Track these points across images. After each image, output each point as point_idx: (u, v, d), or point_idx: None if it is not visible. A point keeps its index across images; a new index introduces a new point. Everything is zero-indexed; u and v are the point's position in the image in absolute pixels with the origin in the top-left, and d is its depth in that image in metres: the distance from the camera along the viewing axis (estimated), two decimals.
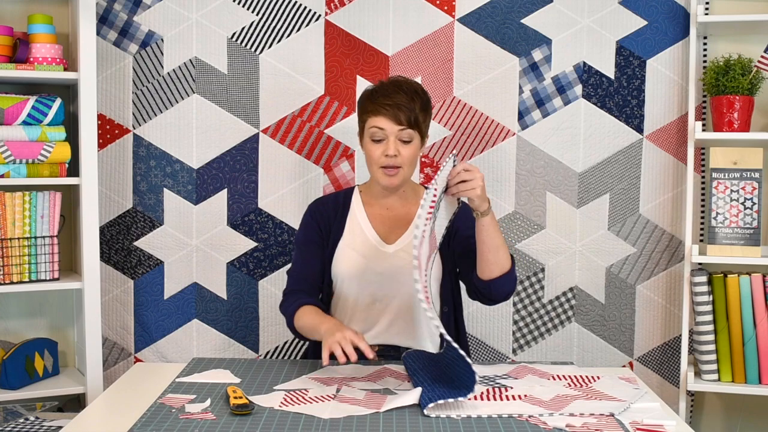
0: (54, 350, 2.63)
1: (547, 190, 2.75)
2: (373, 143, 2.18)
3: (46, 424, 2.06)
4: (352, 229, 2.27)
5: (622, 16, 2.70)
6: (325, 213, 2.30)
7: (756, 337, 2.53)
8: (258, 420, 1.67)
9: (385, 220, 2.27)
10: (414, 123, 2.16)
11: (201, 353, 2.73)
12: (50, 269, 2.49)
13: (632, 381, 2.00)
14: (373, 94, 2.20)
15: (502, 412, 1.72)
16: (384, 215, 2.28)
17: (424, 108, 2.19)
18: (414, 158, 2.20)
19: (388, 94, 2.17)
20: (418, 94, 2.19)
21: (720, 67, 2.57)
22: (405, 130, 2.15)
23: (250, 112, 2.71)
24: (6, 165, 2.41)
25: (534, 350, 2.79)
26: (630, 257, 2.75)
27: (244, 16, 2.69)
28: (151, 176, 2.69)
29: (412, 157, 2.19)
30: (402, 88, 2.17)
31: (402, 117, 2.15)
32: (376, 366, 2.08)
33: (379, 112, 2.16)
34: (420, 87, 2.22)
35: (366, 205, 2.30)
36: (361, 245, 2.24)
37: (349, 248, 2.25)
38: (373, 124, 2.16)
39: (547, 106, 2.73)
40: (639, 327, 2.76)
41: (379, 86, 2.21)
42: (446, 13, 2.71)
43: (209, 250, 2.72)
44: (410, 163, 2.19)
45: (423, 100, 2.19)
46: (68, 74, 2.46)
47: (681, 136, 2.71)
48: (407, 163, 2.18)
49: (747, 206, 2.56)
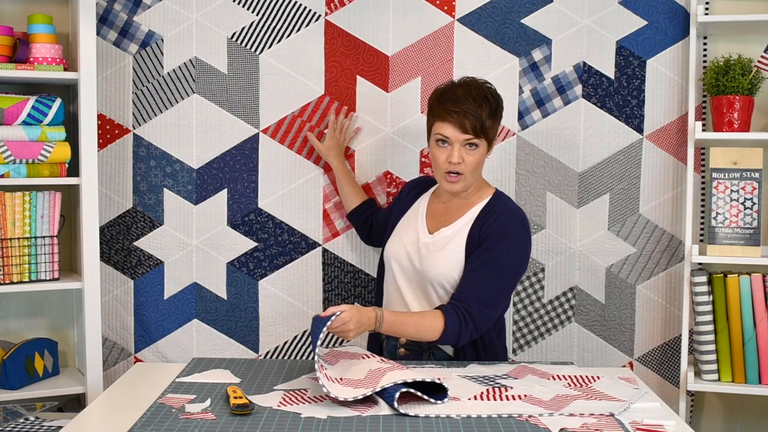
0: (54, 350, 2.63)
1: (547, 190, 2.75)
2: (438, 147, 2.19)
3: (46, 424, 2.06)
4: (414, 214, 2.34)
5: (622, 16, 2.70)
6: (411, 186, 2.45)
7: (756, 337, 2.53)
8: (258, 420, 1.67)
9: (438, 211, 2.31)
10: (480, 131, 2.14)
11: (201, 353, 2.73)
12: (50, 269, 2.49)
13: (632, 381, 2.00)
14: (442, 97, 2.18)
15: (502, 412, 1.72)
16: (439, 208, 2.31)
17: (492, 114, 2.17)
18: (479, 164, 2.19)
19: (457, 99, 2.15)
20: (488, 100, 2.16)
21: (720, 67, 2.57)
22: (471, 139, 2.15)
23: (250, 112, 2.71)
24: (6, 165, 2.41)
25: (534, 350, 2.79)
26: (630, 257, 2.75)
27: (244, 16, 2.69)
28: (151, 176, 2.69)
29: (477, 163, 2.18)
30: (471, 94, 2.15)
31: (468, 125, 2.14)
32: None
33: (445, 119, 2.15)
34: (491, 91, 2.20)
35: (433, 195, 2.36)
36: (408, 233, 2.31)
37: (399, 234, 2.33)
38: (438, 130, 2.17)
39: (547, 106, 2.73)
40: (639, 327, 2.76)
41: (449, 88, 2.19)
42: (446, 13, 2.71)
43: (209, 250, 2.72)
44: (474, 170, 2.19)
45: (492, 106, 2.17)
46: (68, 74, 2.46)
47: (681, 136, 2.71)
48: (470, 170, 2.18)
49: (747, 206, 2.56)
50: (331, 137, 2.66)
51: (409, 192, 2.44)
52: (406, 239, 2.30)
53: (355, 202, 2.64)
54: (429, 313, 2.13)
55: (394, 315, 2.08)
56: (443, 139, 2.16)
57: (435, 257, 2.21)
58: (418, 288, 2.26)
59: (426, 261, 2.22)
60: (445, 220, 2.27)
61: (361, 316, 1.99)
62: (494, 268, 2.14)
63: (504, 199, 2.28)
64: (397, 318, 2.08)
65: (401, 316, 2.10)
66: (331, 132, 2.66)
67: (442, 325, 2.09)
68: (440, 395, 1.81)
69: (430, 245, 2.23)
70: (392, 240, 2.35)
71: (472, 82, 2.20)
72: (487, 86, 2.21)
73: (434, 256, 2.21)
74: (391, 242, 2.34)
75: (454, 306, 2.12)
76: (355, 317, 1.97)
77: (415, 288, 2.27)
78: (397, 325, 2.07)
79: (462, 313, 2.10)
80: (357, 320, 1.97)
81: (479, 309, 2.11)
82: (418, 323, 2.09)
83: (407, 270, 2.28)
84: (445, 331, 2.09)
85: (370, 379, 1.82)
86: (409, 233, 2.31)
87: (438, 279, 2.20)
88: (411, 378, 1.77)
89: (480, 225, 2.20)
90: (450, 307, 2.12)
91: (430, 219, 2.31)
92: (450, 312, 2.10)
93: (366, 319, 2.01)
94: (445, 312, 2.10)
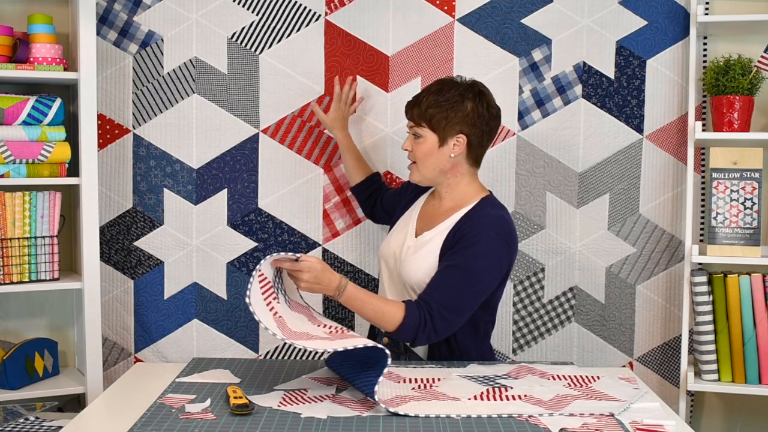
0: (54, 350, 2.63)
1: (547, 190, 2.75)
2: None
3: (46, 424, 2.06)
4: (408, 216, 2.34)
5: (622, 16, 2.70)
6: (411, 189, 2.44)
7: (756, 337, 2.53)
8: (258, 420, 1.67)
9: (428, 214, 2.30)
10: (420, 118, 2.17)
11: (201, 353, 2.73)
12: (50, 269, 2.49)
13: (632, 381, 2.00)
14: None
15: (502, 412, 1.72)
16: (430, 210, 2.30)
17: (437, 104, 2.15)
18: (428, 156, 2.18)
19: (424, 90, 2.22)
20: (442, 92, 2.17)
21: (720, 67, 2.57)
22: (413, 126, 2.20)
23: (250, 112, 2.71)
24: (6, 165, 2.41)
25: (534, 350, 2.79)
26: (630, 257, 2.75)
27: (244, 16, 2.69)
28: (151, 176, 2.69)
29: (424, 154, 2.18)
30: (432, 86, 2.21)
31: (412, 112, 2.20)
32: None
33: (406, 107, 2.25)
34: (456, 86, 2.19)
35: (429, 196, 2.36)
36: (399, 234, 2.31)
37: (392, 234, 2.33)
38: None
39: (547, 106, 2.73)
40: (639, 327, 2.76)
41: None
42: (446, 13, 2.71)
43: (209, 250, 2.72)
44: (423, 158, 2.20)
45: (442, 98, 2.16)
46: (68, 74, 2.46)
47: (681, 136, 2.71)
48: (419, 158, 2.21)
49: (747, 206, 2.56)
50: (336, 109, 2.62)
51: (413, 189, 2.44)
52: (395, 240, 2.30)
53: (359, 175, 2.62)
54: (393, 302, 2.08)
55: (358, 291, 2.03)
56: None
57: (411, 261, 2.19)
58: (397, 289, 2.26)
59: (403, 264, 2.21)
60: (430, 223, 2.25)
61: (323, 274, 1.95)
62: (460, 273, 2.08)
63: (488, 205, 2.21)
64: (359, 294, 2.02)
65: (365, 294, 2.04)
66: (336, 104, 2.62)
67: (401, 318, 2.03)
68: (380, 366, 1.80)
69: (411, 248, 2.22)
70: (385, 240, 2.36)
71: (446, 78, 2.24)
72: (465, 82, 2.21)
73: (410, 260, 2.19)
74: (384, 242, 2.36)
75: (417, 304, 2.07)
76: (315, 270, 1.93)
77: (395, 290, 2.27)
78: (357, 301, 2.02)
79: (424, 313, 2.05)
80: (315, 275, 1.93)
81: (439, 311, 2.05)
82: (378, 308, 2.04)
83: (392, 271, 2.28)
84: (402, 324, 2.03)
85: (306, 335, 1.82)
86: (399, 235, 2.31)
87: (410, 283, 2.18)
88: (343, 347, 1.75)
89: (456, 230, 2.16)
90: (413, 304, 2.07)
91: (419, 221, 2.30)
92: (412, 308, 2.05)
93: (326, 279, 1.96)
94: (408, 307, 2.05)
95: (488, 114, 2.20)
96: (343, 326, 1.99)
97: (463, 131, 2.18)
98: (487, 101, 2.21)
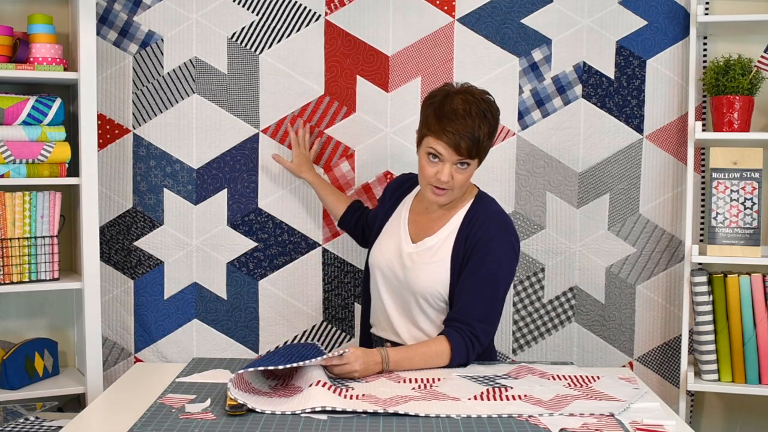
0: (54, 350, 2.63)
1: (547, 190, 2.75)
2: (428, 161, 2.09)
3: (46, 424, 2.06)
4: (396, 220, 2.30)
5: (622, 16, 2.70)
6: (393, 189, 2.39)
7: (756, 337, 2.53)
8: (258, 420, 1.67)
9: (420, 218, 2.26)
10: (476, 153, 2.07)
11: (201, 353, 2.73)
12: (50, 269, 2.49)
13: (632, 381, 2.00)
14: (440, 111, 2.05)
15: (502, 412, 1.72)
16: (422, 214, 2.27)
17: (490, 134, 2.09)
18: (467, 182, 2.14)
19: (455, 116, 2.03)
20: (486, 119, 2.05)
21: (720, 67, 2.57)
22: (464, 159, 2.07)
23: (250, 112, 2.71)
24: (6, 165, 2.41)
25: (534, 350, 2.79)
26: (630, 257, 2.75)
27: (244, 16, 2.69)
28: (151, 176, 2.69)
29: (465, 181, 2.12)
30: (471, 112, 2.03)
31: (463, 147, 2.03)
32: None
33: (440, 137, 2.04)
34: (490, 109, 2.08)
35: (416, 200, 2.31)
36: (391, 241, 2.27)
37: (382, 241, 2.29)
38: (432, 145, 2.06)
39: (547, 106, 2.73)
40: (639, 327, 2.76)
41: (447, 99, 2.07)
42: (446, 13, 2.71)
43: (209, 250, 2.72)
44: (461, 186, 2.13)
45: (491, 125, 2.07)
46: (68, 74, 2.46)
47: (681, 136, 2.71)
48: (458, 186, 2.11)
49: (747, 206, 2.56)
50: (297, 154, 2.65)
51: (392, 194, 2.39)
52: (388, 248, 2.26)
53: (341, 208, 2.61)
54: (433, 341, 2.11)
55: (399, 352, 2.06)
56: (435, 154, 2.07)
57: (419, 270, 2.17)
58: (399, 298, 2.24)
59: (410, 273, 2.18)
60: (428, 228, 2.22)
61: (367, 355, 1.99)
62: (489, 283, 2.11)
63: (486, 203, 2.22)
64: (403, 354, 2.06)
65: (406, 351, 2.08)
66: (295, 149, 2.65)
67: (449, 351, 2.07)
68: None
69: (414, 256, 2.19)
70: (376, 247, 2.30)
71: (471, 98, 2.07)
72: (487, 99, 2.10)
73: (419, 269, 2.17)
74: (375, 250, 2.30)
75: (457, 329, 2.09)
76: (360, 358, 1.96)
77: (396, 297, 2.24)
78: (405, 362, 2.05)
79: (467, 335, 2.08)
80: (363, 361, 1.97)
81: (482, 328, 2.10)
82: (425, 354, 2.07)
83: (389, 279, 2.25)
84: (452, 356, 2.07)
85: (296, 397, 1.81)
86: (391, 241, 2.26)
87: (421, 291, 2.17)
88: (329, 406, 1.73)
89: (465, 236, 2.15)
90: (453, 331, 2.09)
91: (412, 226, 2.26)
92: (454, 336, 2.08)
93: (371, 358, 1.99)
94: (449, 337, 2.08)
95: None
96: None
97: None
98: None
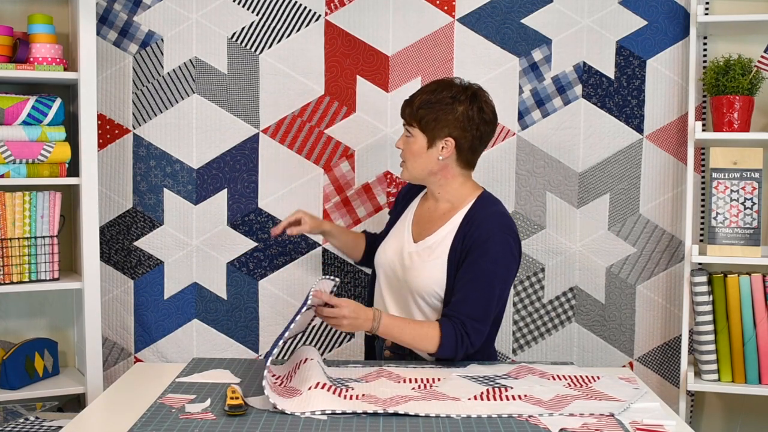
0: (54, 350, 2.63)
1: (547, 190, 2.75)
2: None
3: (46, 424, 2.06)
4: (402, 221, 2.32)
5: (622, 16, 2.70)
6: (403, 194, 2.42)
7: (756, 337, 2.53)
8: (258, 420, 1.67)
9: (423, 218, 2.27)
10: (411, 117, 2.17)
11: (201, 353, 2.73)
12: (50, 269, 2.49)
13: (632, 381, 2.00)
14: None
15: (502, 412, 1.72)
16: (425, 213, 2.28)
17: (427, 104, 2.13)
18: (415, 155, 2.17)
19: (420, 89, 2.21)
20: (433, 92, 2.15)
21: (720, 67, 2.57)
22: (405, 125, 2.20)
23: (250, 112, 2.71)
24: (6, 165, 2.41)
25: (534, 350, 2.79)
26: (630, 257, 2.75)
27: (244, 16, 2.69)
28: (151, 176, 2.69)
29: (412, 153, 2.18)
30: (430, 85, 2.19)
31: (407, 111, 2.19)
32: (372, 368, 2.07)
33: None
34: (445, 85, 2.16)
35: (422, 200, 2.33)
36: (395, 241, 2.28)
37: (388, 241, 2.31)
38: None
39: (547, 106, 2.73)
40: (639, 327, 2.76)
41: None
42: (446, 13, 2.71)
43: (209, 250, 2.72)
44: (411, 158, 2.19)
45: (434, 98, 2.14)
46: (68, 74, 2.46)
47: (681, 136, 2.71)
48: (408, 158, 2.20)
49: (747, 206, 2.56)
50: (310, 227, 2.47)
51: (402, 199, 2.42)
52: (391, 248, 2.27)
53: (360, 245, 2.54)
54: (427, 323, 2.11)
55: (392, 319, 2.08)
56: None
57: (418, 268, 2.18)
58: (399, 297, 2.24)
59: (409, 271, 2.19)
60: (429, 227, 2.23)
61: (359, 311, 2.01)
62: (484, 283, 2.10)
63: (487, 203, 2.21)
64: (394, 322, 2.08)
65: (399, 321, 2.09)
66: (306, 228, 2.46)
67: (438, 337, 2.07)
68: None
69: (414, 255, 2.20)
70: (381, 247, 2.32)
71: (445, 79, 2.22)
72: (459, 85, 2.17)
73: (417, 267, 2.18)
74: (380, 250, 2.32)
75: (451, 320, 2.09)
76: (353, 308, 1.99)
77: (396, 297, 2.25)
78: (395, 329, 2.07)
79: (459, 330, 2.07)
80: (354, 310, 1.99)
81: (473, 326, 2.08)
82: (415, 331, 2.08)
83: (391, 279, 2.26)
84: (441, 344, 2.07)
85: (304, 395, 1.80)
86: (395, 241, 2.28)
87: (419, 290, 2.17)
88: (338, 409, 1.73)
89: (462, 235, 2.15)
90: (447, 321, 2.09)
91: (415, 226, 2.27)
92: (447, 326, 2.08)
93: (363, 312, 2.02)
94: (442, 325, 2.08)
95: (479, 118, 2.15)
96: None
97: (452, 134, 2.14)
98: (480, 105, 2.15)
